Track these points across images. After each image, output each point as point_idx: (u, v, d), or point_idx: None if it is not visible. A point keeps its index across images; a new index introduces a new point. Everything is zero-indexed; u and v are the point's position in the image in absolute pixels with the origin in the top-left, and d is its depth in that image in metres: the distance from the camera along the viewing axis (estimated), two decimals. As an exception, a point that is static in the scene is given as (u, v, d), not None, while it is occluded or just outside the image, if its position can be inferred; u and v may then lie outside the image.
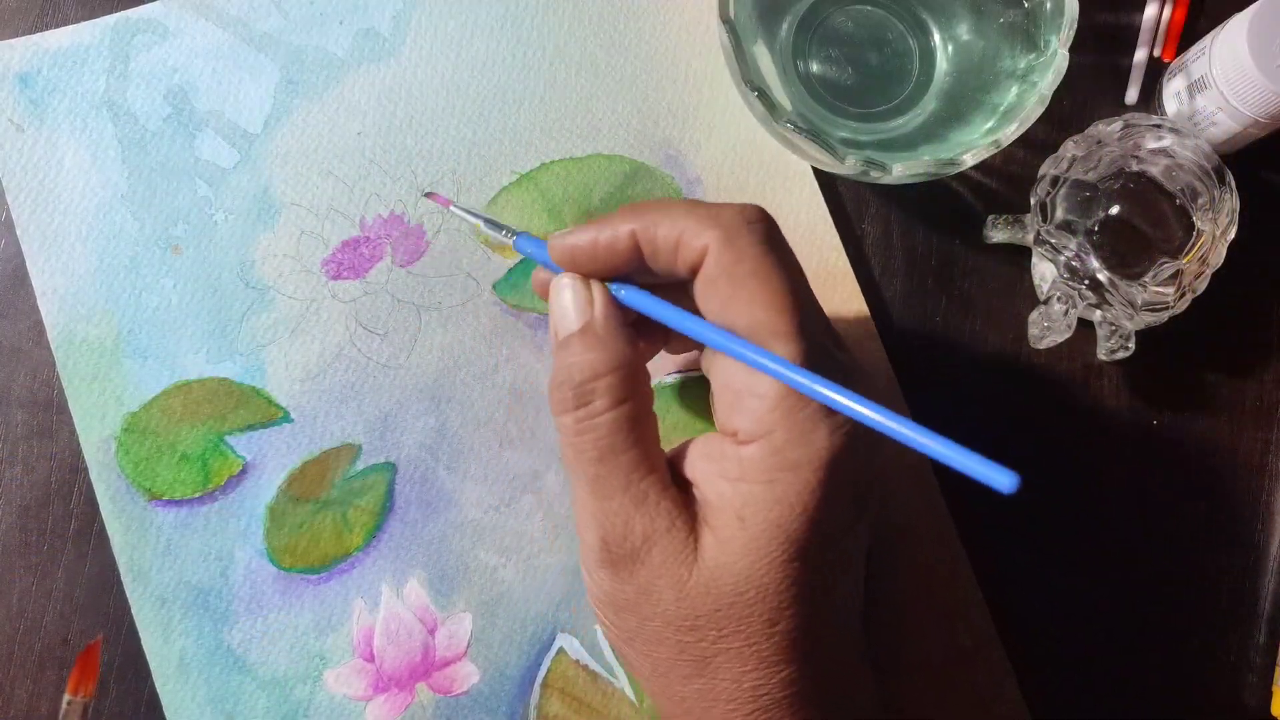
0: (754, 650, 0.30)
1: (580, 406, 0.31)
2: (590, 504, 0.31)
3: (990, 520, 0.42)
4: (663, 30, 0.44)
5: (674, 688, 0.31)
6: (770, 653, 0.30)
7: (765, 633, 0.30)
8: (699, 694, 0.31)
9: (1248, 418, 0.43)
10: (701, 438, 0.32)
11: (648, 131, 0.43)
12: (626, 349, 0.32)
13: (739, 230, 0.30)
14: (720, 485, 0.30)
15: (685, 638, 0.30)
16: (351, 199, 0.42)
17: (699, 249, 0.30)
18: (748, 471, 0.30)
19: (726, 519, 0.30)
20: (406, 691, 0.40)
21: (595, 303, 0.32)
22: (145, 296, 0.41)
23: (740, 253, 0.30)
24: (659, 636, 0.31)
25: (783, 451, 0.29)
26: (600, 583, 0.32)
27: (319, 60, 0.43)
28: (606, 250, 0.32)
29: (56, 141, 0.42)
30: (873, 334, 0.42)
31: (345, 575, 0.40)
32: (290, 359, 0.41)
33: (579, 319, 0.32)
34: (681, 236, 0.31)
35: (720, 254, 0.30)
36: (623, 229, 0.32)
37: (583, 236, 0.32)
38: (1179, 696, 0.42)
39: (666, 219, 0.31)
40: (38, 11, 0.43)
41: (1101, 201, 0.40)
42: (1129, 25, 0.45)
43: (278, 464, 0.40)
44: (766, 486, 0.29)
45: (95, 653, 0.40)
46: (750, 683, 0.30)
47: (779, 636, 0.30)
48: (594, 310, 0.32)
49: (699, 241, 0.30)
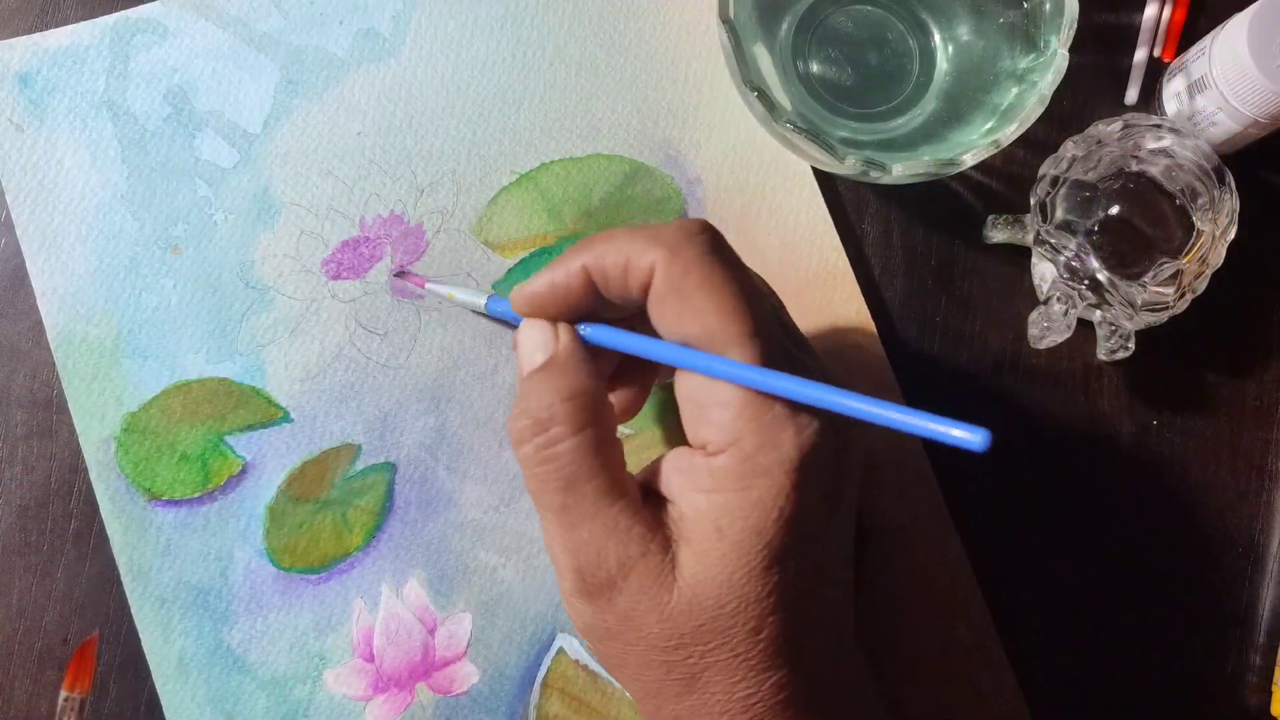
0: (741, 660, 0.30)
1: (539, 434, 0.31)
2: (560, 535, 0.31)
3: (990, 520, 0.42)
4: (662, 30, 0.44)
5: (667, 707, 0.31)
6: (758, 660, 0.30)
7: (750, 641, 0.30)
8: (692, 710, 0.31)
9: (1248, 418, 0.43)
10: (673, 452, 0.32)
11: (648, 131, 0.43)
12: (587, 379, 0.32)
13: (682, 245, 0.30)
14: (695, 498, 0.30)
15: (672, 657, 0.30)
16: (351, 199, 0.42)
17: (646, 269, 0.31)
18: (720, 481, 0.30)
19: (703, 531, 0.30)
20: (406, 691, 0.40)
21: (560, 338, 0.33)
22: (145, 296, 0.41)
23: (686, 266, 0.30)
24: (645, 660, 0.31)
25: (753, 457, 0.29)
26: (581, 613, 0.32)
27: (319, 60, 0.43)
28: (564, 290, 0.32)
29: (56, 141, 0.42)
30: (872, 334, 0.42)
31: (345, 575, 0.40)
32: (290, 359, 0.41)
33: (543, 356, 0.33)
34: (628, 260, 0.31)
35: (667, 270, 0.30)
36: (574, 265, 0.32)
37: (539, 283, 0.33)
38: (1179, 696, 0.42)
39: (612, 246, 0.31)
40: (37, 12, 0.43)
41: (1101, 201, 0.40)
42: (1129, 25, 0.45)
43: (277, 464, 0.40)
44: (740, 494, 0.29)
45: (91, 649, 0.40)
46: (742, 693, 0.30)
47: (765, 643, 0.30)
48: (557, 345, 0.33)
49: (645, 261, 0.30)
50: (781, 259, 0.42)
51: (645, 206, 0.43)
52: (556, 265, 0.33)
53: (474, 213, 0.42)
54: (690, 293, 0.30)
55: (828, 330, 0.42)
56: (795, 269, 0.42)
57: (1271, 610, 0.42)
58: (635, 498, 0.31)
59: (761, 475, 0.29)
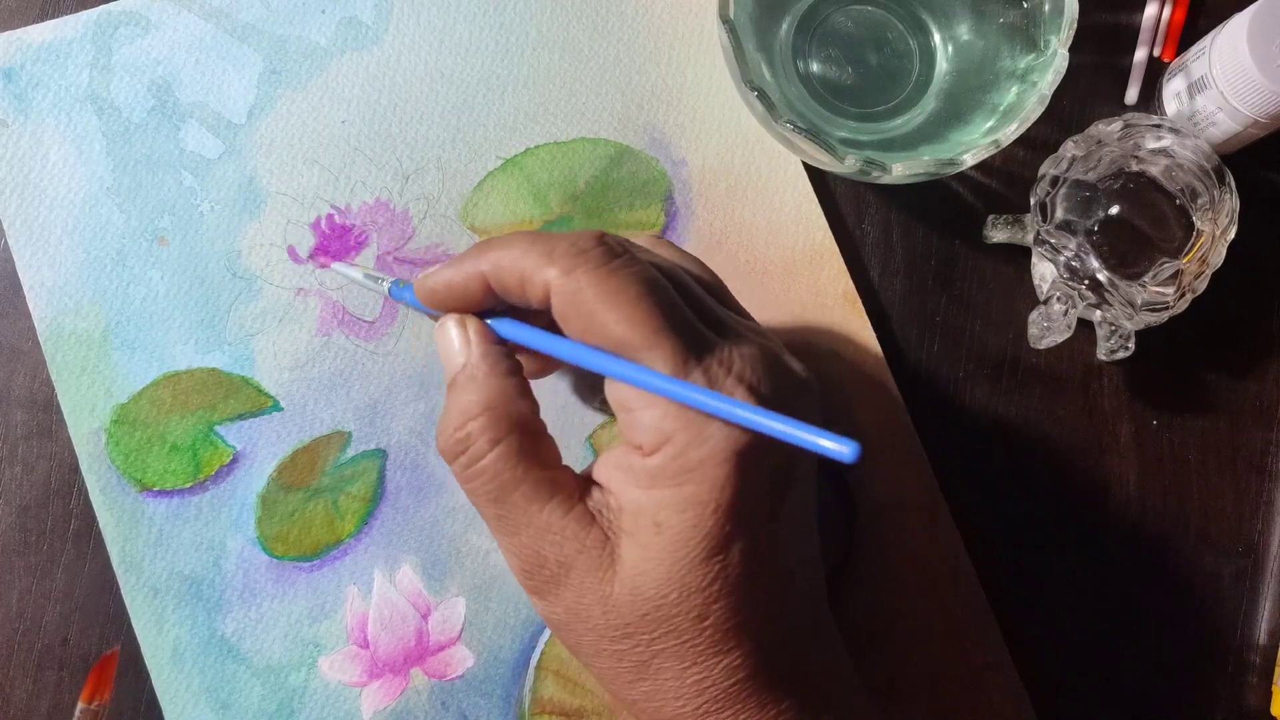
0: (689, 647, 0.30)
1: (461, 453, 0.31)
2: (501, 541, 0.32)
3: (990, 520, 0.42)
4: (646, 13, 0.44)
5: (624, 692, 0.32)
6: (706, 646, 0.30)
7: (696, 629, 0.30)
8: (647, 695, 0.31)
9: (1248, 418, 0.43)
10: (614, 449, 0.32)
11: (632, 114, 0.43)
12: (501, 382, 0.32)
13: (574, 263, 0.30)
14: (634, 494, 0.30)
15: (620, 646, 0.31)
16: (337, 187, 0.42)
17: (542, 285, 0.31)
18: (656, 479, 0.30)
19: (643, 525, 0.30)
20: (401, 677, 0.40)
21: (471, 344, 0.33)
22: (133, 288, 0.41)
23: (579, 283, 0.30)
24: (596, 649, 0.31)
25: (685, 454, 0.29)
26: (537, 607, 0.33)
27: (302, 49, 0.43)
28: (462, 291, 0.33)
29: (41, 136, 0.42)
30: (860, 313, 0.42)
31: (338, 562, 0.40)
32: (279, 348, 0.41)
33: (459, 360, 0.33)
34: (523, 276, 0.31)
35: (562, 290, 0.30)
36: (472, 270, 0.32)
37: (438, 280, 0.33)
38: (1179, 696, 0.42)
39: (508, 258, 0.31)
40: (37, 12, 0.43)
41: (1101, 201, 0.40)
42: (1129, 25, 0.45)
43: (268, 453, 0.40)
44: (676, 490, 0.30)
45: (112, 664, 0.39)
46: (693, 678, 0.30)
47: (711, 629, 0.30)
48: (469, 352, 0.33)
49: (540, 279, 0.31)
50: (768, 240, 0.42)
51: (631, 189, 0.43)
52: (456, 265, 0.33)
53: (460, 198, 0.42)
54: (590, 308, 0.30)
55: (816, 310, 0.42)
56: (782, 249, 0.42)
57: (1271, 610, 0.42)
58: (568, 493, 0.31)
59: (695, 470, 0.29)
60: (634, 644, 0.31)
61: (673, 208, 0.43)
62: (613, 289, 0.30)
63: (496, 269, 0.32)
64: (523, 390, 0.33)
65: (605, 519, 0.31)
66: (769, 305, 0.42)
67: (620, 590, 0.30)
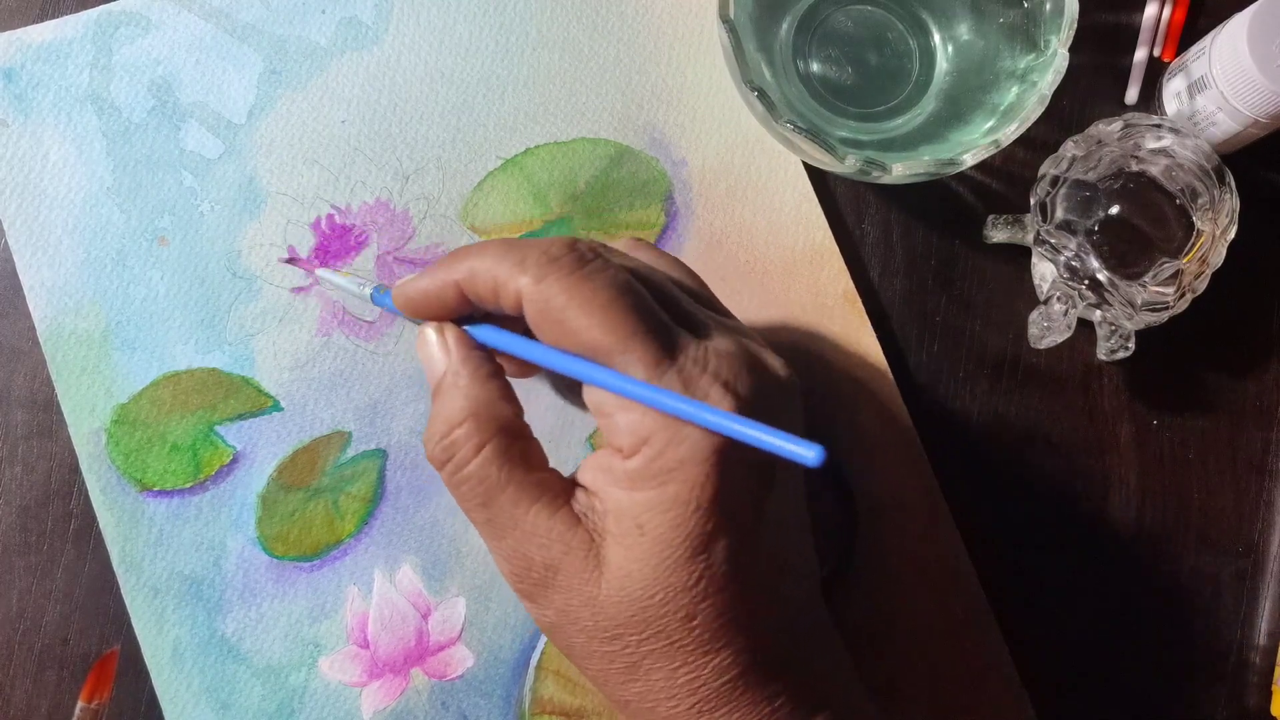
0: (678, 647, 0.30)
1: (448, 460, 0.32)
2: (490, 545, 0.32)
3: (990, 520, 0.42)
4: (646, 14, 0.44)
5: (617, 693, 0.32)
6: (694, 646, 0.30)
7: (684, 628, 0.30)
8: (640, 696, 0.31)
9: (1248, 418, 0.43)
10: (597, 452, 0.32)
11: (632, 114, 0.43)
12: (482, 387, 0.32)
13: (545, 271, 0.30)
14: (618, 495, 0.30)
15: (610, 648, 0.31)
16: (337, 187, 0.42)
17: (514, 294, 0.31)
18: (637, 481, 0.30)
19: (626, 527, 0.30)
20: (401, 677, 0.40)
21: (450, 351, 0.33)
22: (133, 288, 0.41)
23: (550, 290, 0.30)
24: (587, 651, 0.31)
25: (664, 454, 0.30)
26: (529, 610, 0.33)
27: (302, 49, 0.43)
28: (438, 299, 0.33)
29: (41, 136, 0.42)
30: (860, 313, 0.42)
31: (338, 562, 0.40)
32: (279, 348, 0.41)
33: (440, 367, 0.33)
34: (496, 285, 0.31)
35: (534, 299, 0.30)
36: (447, 279, 0.32)
37: (415, 288, 0.33)
38: (1179, 696, 0.42)
39: (481, 266, 0.31)
40: (37, 12, 0.43)
41: (1101, 201, 0.40)
42: (1129, 25, 0.45)
43: (268, 453, 0.40)
44: (658, 492, 0.30)
45: (112, 663, 0.39)
46: (684, 677, 0.30)
47: (700, 629, 0.30)
48: (449, 358, 0.33)
49: (512, 287, 0.31)
50: (768, 239, 0.42)
51: (631, 189, 0.43)
52: (431, 273, 0.33)
53: (460, 198, 0.42)
54: (562, 316, 0.30)
55: (816, 310, 0.42)
56: (782, 249, 0.42)
57: (1271, 610, 0.42)
58: (554, 495, 0.31)
59: (674, 470, 0.29)
60: (623, 645, 0.31)
61: (673, 208, 0.43)
62: (584, 295, 0.30)
63: (470, 277, 0.32)
64: (505, 394, 0.33)
65: (590, 521, 0.31)
66: (769, 305, 0.42)
67: (607, 592, 0.30)
